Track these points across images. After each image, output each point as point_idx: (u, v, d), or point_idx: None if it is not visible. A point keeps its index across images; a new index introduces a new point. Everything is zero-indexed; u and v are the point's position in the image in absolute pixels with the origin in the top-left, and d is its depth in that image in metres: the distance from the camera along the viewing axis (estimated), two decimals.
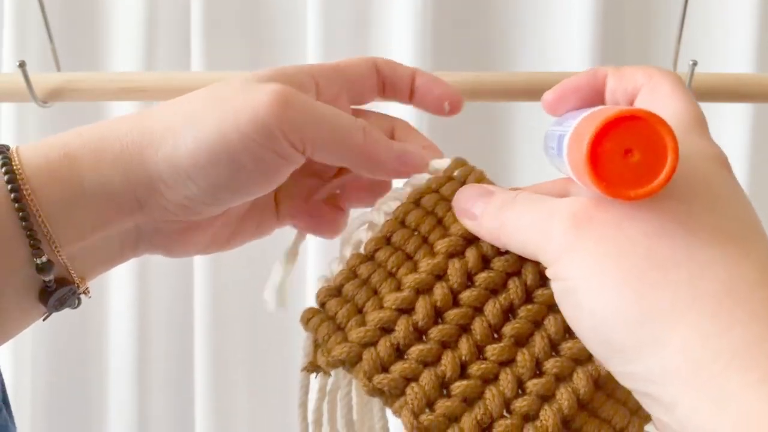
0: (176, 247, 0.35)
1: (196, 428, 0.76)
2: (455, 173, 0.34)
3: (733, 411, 0.21)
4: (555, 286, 0.27)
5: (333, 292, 0.33)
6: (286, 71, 0.33)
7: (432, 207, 0.33)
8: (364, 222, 0.35)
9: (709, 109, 0.74)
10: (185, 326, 0.77)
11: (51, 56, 0.49)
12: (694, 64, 0.43)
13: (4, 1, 0.70)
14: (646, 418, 0.31)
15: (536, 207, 0.28)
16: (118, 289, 0.76)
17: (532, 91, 0.44)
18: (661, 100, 0.30)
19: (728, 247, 0.24)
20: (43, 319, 0.32)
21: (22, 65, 0.43)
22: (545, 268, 0.27)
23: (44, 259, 0.29)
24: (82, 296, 0.33)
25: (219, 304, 0.74)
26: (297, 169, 0.33)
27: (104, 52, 0.75)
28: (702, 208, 0.25)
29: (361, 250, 0.34)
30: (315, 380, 0.35)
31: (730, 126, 0.70)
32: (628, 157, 0.24)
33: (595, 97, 0.33)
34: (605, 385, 0.30)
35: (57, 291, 0.31)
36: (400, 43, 0.69)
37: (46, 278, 0.30)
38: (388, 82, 0.37)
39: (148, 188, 0.30)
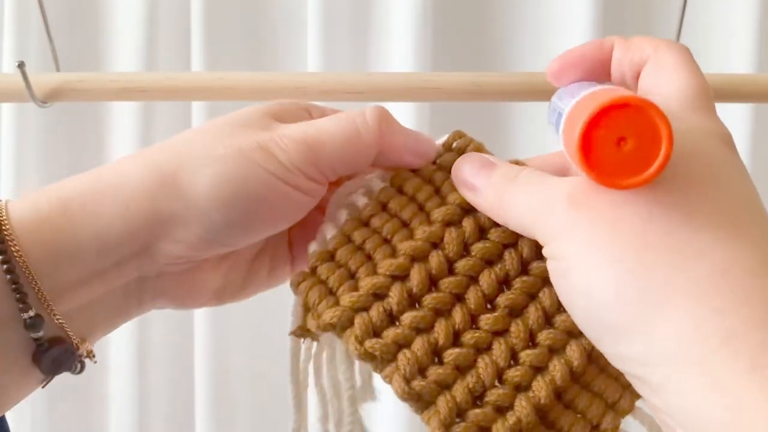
0: (185, 295, 0.33)
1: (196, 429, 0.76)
2: (453, 144, 0.34)
3: (723, 398, 0.21)
4: (550, 265, 0.27)
5: (325, 256, 0.32)
6: (284, 105, 0.32)
7: (429, 176, 0.33)
8: (359, 187, 0.34)
9: None
10: (186, 328, 0.77)
11: (51, 56, 0.49)
12: None
13: (4, 1, 0.70)
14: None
15: (536, 186, 0.28)
16: None
17: (532, 91, 0.44)
18: (665, 74, 0.29)
19: (725, 230, 0.24)
20: (42, 386, 0.30)
21: (21, 65, 0.43)
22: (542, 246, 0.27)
23: (32, 313, 0.27)
24: (88, 360, 0.30)
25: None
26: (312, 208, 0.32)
27: (104, 52, 0.75)
28: (700, 190, 0.24)
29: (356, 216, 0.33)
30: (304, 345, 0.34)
31: (730, 126, 0.70)
32: (622, 146, 0.23)
33: (601, 68, 0.32)
34: (598, 359, 0.30)
35: (51, 350, 0.28)
36: (400, 44, 0.69)
37: (36, 335, 0.27)
38: None
39: (156, 229, 0.28)
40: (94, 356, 0.30)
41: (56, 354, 0.28)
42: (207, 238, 0.29)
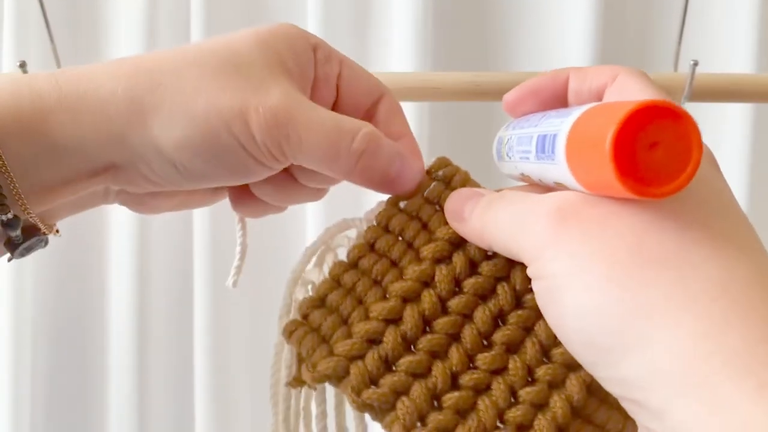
0: (144, 208, 0.34)
1: (196, 427, 0.76)
2: (439, 173, 0.33)
3: (728, 419, 0.20)
4: (536, 285, 0.25)
5: (316, 302, 0.32)
6: (295, 47, 0.32)
7: (416, 211, 0.32)
8: (345, 228, 0.34)
9: (709, 109, 0.74)
10: (185, 327, 0.77)
11: (51, 56, 0.49)
12: (695, 64, 0.43)
13: (4, 1, 0.70)
14: None
15: (519, 202, 0.27)
16: (117, 285, 0.76)
17: None
18: (632, 97, 0.28)
19: (721, 245, 0.23)
20: (8, 260, 0.31)
21: (22, 65, 0.43)
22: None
23: (10, 215, 0.28)
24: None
25: (219, 301, 0.74)
26: None
27: (104, 52, 0.75)
28: (693, 206, 0.24)
29: (344, 258, 0.33)
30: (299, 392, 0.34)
31: (730, 126, 0.70)
32: (653, 152, 0.22)
33: (555, 99, 0.32)
34: (598, 390, 0.29)
35: (25, 242, 0.30)
36: (400, 43, 0.69)
37: (13, 234, 0.29)
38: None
39: (124, 160, 0.29)
40: (59, 233, 0.32)
41: (29, 244, 0.30)
42: (165, 178, 0.30)
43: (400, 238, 0.32)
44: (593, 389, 0.29)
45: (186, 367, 0.77)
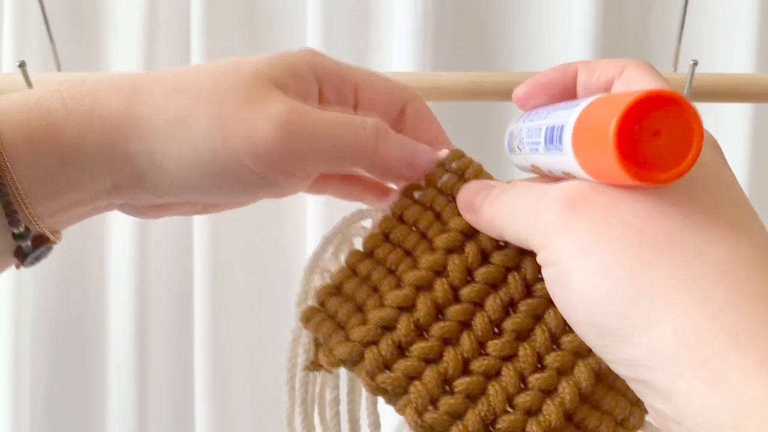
0: (145, 216, 0.35)
1: (196, 426, 0.76)
2: (452, 164, 0.34)
3: (728, 397, 0.21)
4: (546, 271, 0.26)
5: (332, 290, 0.33)
6: (294, 69, 0.33)
7: (430, 202, 0.33)
8: (360, 218, 0.35)
9: (709, 109, 0.74)
10: (185, 327, 0.77)
11: (51, 56, 0.49)
12: (695, 64, 0.43)
13: (4, 1, 0.70)
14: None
15: (528, 192, 0.28)
16: (117, 286, 0.76)
17: None
18: (639, 88, 0.30)
19: (724, 229, 0.24)
20: (17, 268, 0.32)
21: (22, 65, 0.43)
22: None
23: (21, 228, 0.29)
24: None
25: (219, 302, 0.74)
26: None
27: (104, 52, 0.75)
28: (698, 191, 0.25)
29: (359, 247, 0.34)
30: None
31: (730, 126, 0.70)
32: (655, 140, 0.23)
33: (565, 93, 0.32)
34: (606, 377, 0.30)
35: (34, 252, 0.31)
36: (400, 43, 0.69)
37: (24, 244, 0.30)
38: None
39: (127, 174, 0.30)
40: (61, 238, 0.33)
41: (38, 253, 0.31)
42: (173, 193, 0.31)
43: (414, 229, 0.33)
44: (601, 376, 0.30)
45: (186, 367, 0.77)
